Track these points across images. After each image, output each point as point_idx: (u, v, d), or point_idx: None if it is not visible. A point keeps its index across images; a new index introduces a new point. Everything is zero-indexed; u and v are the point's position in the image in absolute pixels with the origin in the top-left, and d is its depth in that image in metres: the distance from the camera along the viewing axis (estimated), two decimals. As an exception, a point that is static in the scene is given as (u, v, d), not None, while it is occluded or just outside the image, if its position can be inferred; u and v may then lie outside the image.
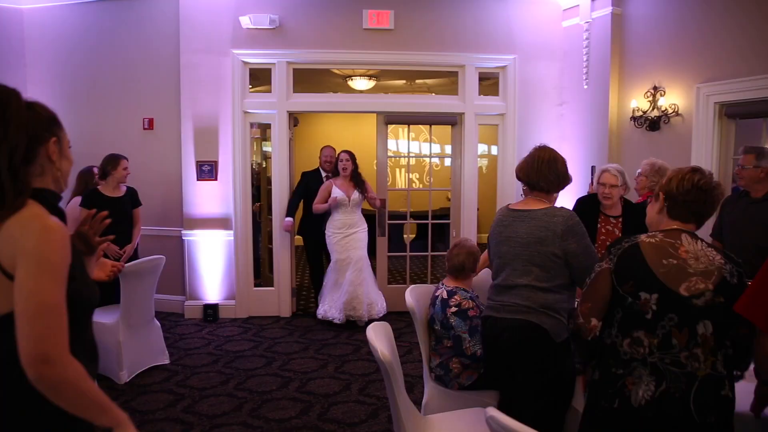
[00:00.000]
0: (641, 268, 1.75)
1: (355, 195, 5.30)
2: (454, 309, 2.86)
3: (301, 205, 5.67)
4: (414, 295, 3.04)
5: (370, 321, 4.78)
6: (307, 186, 5.59)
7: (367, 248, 5.39)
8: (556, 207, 2.30)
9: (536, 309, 2.20)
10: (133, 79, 5.65)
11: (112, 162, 4.52)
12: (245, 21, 5.30)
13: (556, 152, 2.39)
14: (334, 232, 5.29)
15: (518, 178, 2.42)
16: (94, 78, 5.68)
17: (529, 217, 2.28)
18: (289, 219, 5.52)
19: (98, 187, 4.53)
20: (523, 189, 2.44)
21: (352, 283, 5.19)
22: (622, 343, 1.77)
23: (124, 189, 4.61)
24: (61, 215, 1.34)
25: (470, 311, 2.87)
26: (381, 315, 5.33)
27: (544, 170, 2.31)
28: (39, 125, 1.32)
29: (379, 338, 2.23)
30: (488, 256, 2.57)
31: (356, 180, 5.33)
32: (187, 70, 5.42)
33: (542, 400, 2.19)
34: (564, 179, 2.36)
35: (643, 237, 1.81)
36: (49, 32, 5.71)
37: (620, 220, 3.51)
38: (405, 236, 9.88)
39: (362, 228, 5.38)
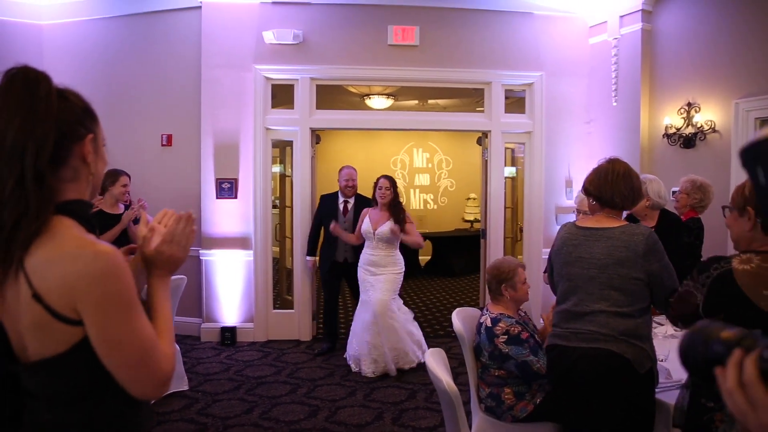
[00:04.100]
0: (737, 299, 1.57)
1: (384, 228, 4.47)
2: (503, 338, 2.66)
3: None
4: (460, 318, 2.85)
5: (403, 371, 4.44)
6: (324, 213, 5.05)
7: (395, 291, 4.54)
8: (633, 224, 2.11)
9: (616, 337, 1.99)
10: (152, 95, 5.54)
11: (111, 177, 4.31)
12: (268, 36, 5.20)
13: (629, 165, 2.21)
14: (359, 266, 4.63)
15: (587, 192, 2.23)
16: (112, 93, 5.55)
17: (605, 236, 2.09)
18: (310, 258, 5.19)
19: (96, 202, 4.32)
20: (590, 204, 2.25)
21: (370, 330, 4.44)
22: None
23: (122, 207, 4.35)
24: (95, 229, 1.14)
25: (522, 334, 2.68)
26: (414, 365, 4.53)
27: (619, 184, 2.12)
28: (73, 119, 1.08)
29: (440, 367, 2.03)
30: (549, 278, 2.38)
31: (395, 211, 4.53)
32: (208, 85, 5.31)
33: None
34: (639, 195, 2.18)
35: (735, 263, 1.63)
36: (68, 48, 5.62)
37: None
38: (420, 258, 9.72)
39: (391, 270, 4.52)
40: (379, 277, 4.49)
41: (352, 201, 5.04)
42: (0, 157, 1.00)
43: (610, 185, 2.12)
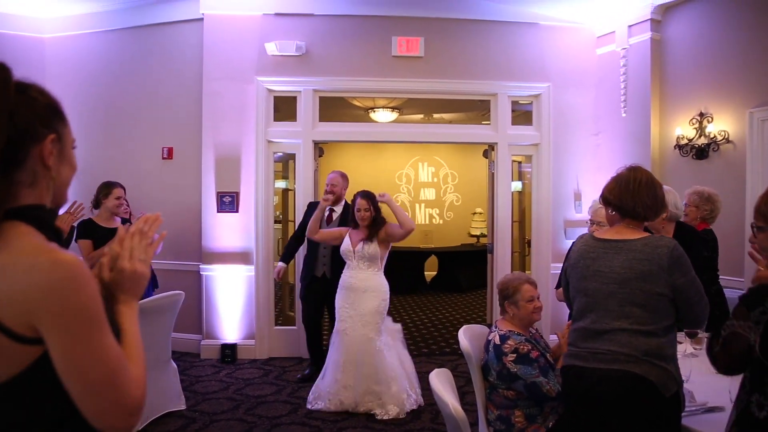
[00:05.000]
0: None
1: (365, 246, 3.98)
2: (512, 357, 2.52)
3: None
4: (467, 336, 2.71)
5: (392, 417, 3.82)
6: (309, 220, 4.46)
7: (377, 324, 3.94)
8: (656, 236, 1.97)
9: (639, 357, 1.84)
10: (153, 108, 5.47)
11: (105, 190, 4.16)
12: (271, 48, 5.13)
13: (652, 174, 2.08)
14: (338, 289, 4.10)
15: (606, 202, 2.08)
16: (113, 106, 5.51)
17: (626, 248, 1.95)
18: (282, 265, 4.70)
19: (92, 216, 4.17)
20: (608, 215, 2.11)
21: (342, 369, 3.92)
22: None
23: (118, 221, 4.18)
24: (59, 238, 1.02)
25: (532, 353, 2.53)
26: (393, 414, 3.84)
27: (642, 194, 1.98)
28: (32, 115, 0.97)
29: (446, 389, 1.89)
30: (564, 294, 2.24)
31: (373, 229, 4.04)
32: (209, 98, 5.23)
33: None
34: (663, 205, 2.04)
35: None
36: (70, 61, 5.58)
37: None
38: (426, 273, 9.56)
39: (374, 295, 3.95)
40: (359, 308, 3.93)
41: (339, 209, 4.56)
42: None
43: (632, 194, 1.99)
